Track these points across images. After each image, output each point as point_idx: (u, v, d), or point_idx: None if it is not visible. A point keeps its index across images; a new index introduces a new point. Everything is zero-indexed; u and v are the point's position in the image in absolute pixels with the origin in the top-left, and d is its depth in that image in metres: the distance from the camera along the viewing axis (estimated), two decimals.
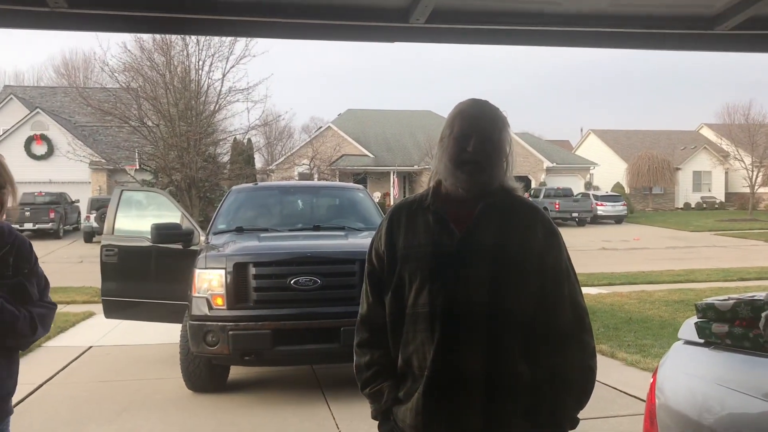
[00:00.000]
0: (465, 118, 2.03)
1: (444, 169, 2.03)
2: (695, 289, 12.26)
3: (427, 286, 1.95)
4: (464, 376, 1.91)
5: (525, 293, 1.96)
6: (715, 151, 47.85)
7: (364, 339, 2.14)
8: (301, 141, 47.58)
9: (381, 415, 2.09)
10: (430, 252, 1.98)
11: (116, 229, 7.49)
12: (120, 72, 22.49)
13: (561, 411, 1.98)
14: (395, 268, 2.03)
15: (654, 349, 7.61)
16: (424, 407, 1.94)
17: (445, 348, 1.92)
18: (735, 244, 24.44)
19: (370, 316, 2.12)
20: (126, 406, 6.00)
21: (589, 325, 2.05)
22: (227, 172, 24.33)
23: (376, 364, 2.10)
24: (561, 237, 2.07)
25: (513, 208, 2.03)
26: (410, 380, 2.00)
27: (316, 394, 6.33)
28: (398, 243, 2.04)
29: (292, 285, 5.91)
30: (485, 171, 1.99)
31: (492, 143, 2.00)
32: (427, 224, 2.02)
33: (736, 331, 2.27)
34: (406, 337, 2.00)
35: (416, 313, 1.97)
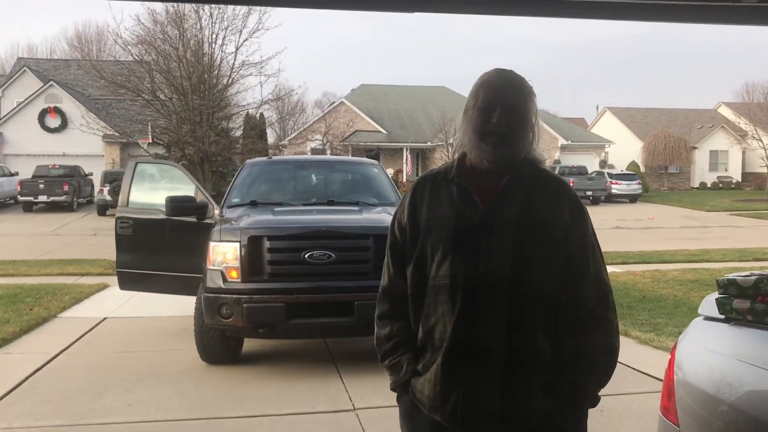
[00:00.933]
0: (489, 88, 1.99)
1: (468, 141, 2.01)
2: (710, 268, 12.19)
3: (449, 258, 1.94)
4: (483, 349, 1.90)
5: (549, 268, 1.93)
6: (732, 130, 47.31)
7: (384, 311, 2.14)
8: (314, 116, 47.52)
9: (400, 387, 2.09)
10: (452, 224, 1.96)
11: (131, 202, 7.51)
12: (133, 45, 22.47)
13: (583, 389, 1.96)
14: (418, 240, 2.01)
15: (668, 327, 7.59)
16: (442, 379, 1.93)
17: (465, 320, 1.91)
18: (751, 225, 24.25)
19: (392, 288, 2.11)
20: (141, 376, 6.06)
21: (613, 303, 2.02)
22: (240, 146, 24.34)
23: (396, 336, 2.09)
24: (587, 212, 2.03)
25: (539, 181, 2.00)
26: (430, 352, 2.00)
27: (330, 367, 6.36)
28: (421, 215, 2.03)
29: (307, 259, 5.92)
30: (510, 143, 1.97)
31: (517, 114, 1.97)
32: (451, 196, 2.00)
33: (758, 307, 2.24)
34: (428, 308, 1.99)
35: (438, 285, 1.96)
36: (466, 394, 1.91)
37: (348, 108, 43.10)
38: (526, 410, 1.92)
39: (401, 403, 2.11)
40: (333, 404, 5.33)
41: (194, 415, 5.11)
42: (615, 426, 4.82)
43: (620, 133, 49.03)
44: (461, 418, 1.92)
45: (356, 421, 4.98)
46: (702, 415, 2.35)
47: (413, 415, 2.06)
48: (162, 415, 5.10)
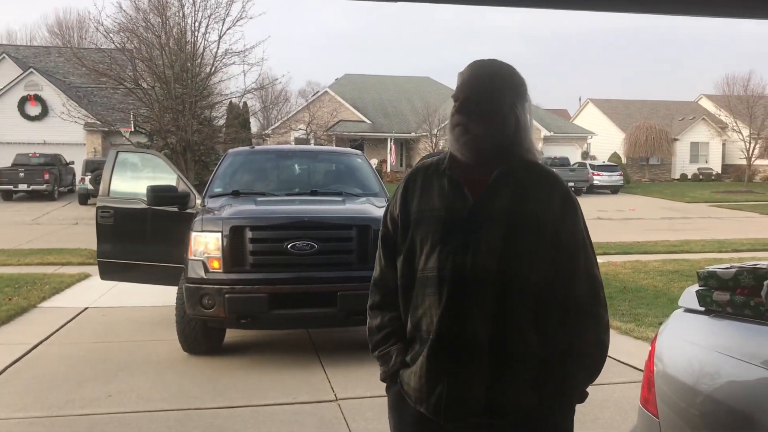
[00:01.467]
0: (460, 80, 2.00)
1: (455, 141, 2.00)
2: (690, 259, 12.31)
3: (437, 251, 1.93)
4: (469, 342, 1.89)
5: (537, 262, 1.91)
6: (713, 123, 47.71)
7: (376, 302, 2.14)
8: (298, 106, 47.32)
9: (389, 378, 2.09)
10: (442, 216, 1.96)
11: (112, 191, 7.44)
12: (115, 32, 22.17)
13: (571, 384, 1.95)
14: (408, 232, 2.01)
15: (648, 318, 7.65)
16: (427, 371, 1.93)
17: (451, 313, 1.90)
18: (730, 216, 24.51)
19: (383, 279, 2.12)
20: (122, 366, 6.02)
21: (604, 299, 2.00)
22: (223, 135, 24.14)
23: (387, 327, 2.10)
24: (578, 206, 2.01)
25: (530, 174, 1.98)
26: (418, 344, 1.99)
27: (312, 357, 6.36)
28: (412, 207, 2.03)
29: (289, 249, 5.90)
30: (469, 131, 1.95)
31: (477, 103, 1.95)
32: (442, 189, 2.00)
33: (738, 299, 2.26)
34: (416, 300, 1.99)
35: (425, 277, 1.96)
36: (451, 386, 1.91)
37: (332, 98, 42.95)
38: (512, 404, 1.91)
39: (389, 393, 2.11)
40: (315, 395, 5.32)
41: (175, 405, 5.09)
42: (595, 415, 4.86)
43: (602, 124, 49.28)
44: (446, 411, 1.92)
45: (338, 411, 4.98)
46: (681, 406, 2.37)
47: (400, 406, 2.05)
48: (143, 406, 5.07)
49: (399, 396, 2.05)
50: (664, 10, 2.86)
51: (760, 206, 27.85)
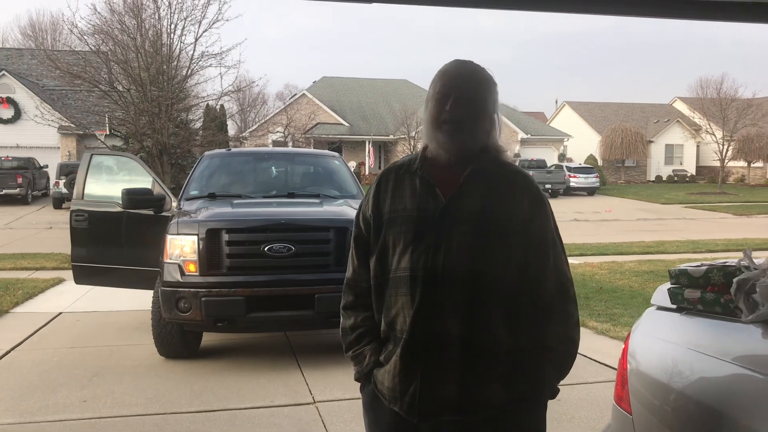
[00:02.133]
0: (445, 78, 2.00)
1: (426, 131, 2.01)
2: (665, 260, 12.45)
3: (409, 251, 1.94)
4: (442, 341, 1.90)
5: (508, 261, 1.93)
6: (687, 125, 48.32)
7: (349, 302, 2.15)
8: (275, 108, 47.09)
9: (363, 377, 2.10)
10: (414, 216, 1.96)
11: (86, 194, 7.37)
12: (89, 35, 21.92)
13: (542, 380, 1.97)
14: (380, 232, 2.02)
15: (624, 318, 7.73)
16: (401, 370, 1.94)
17: (424, 312, 1.91)
18: (704, 217, 24.83)
19: (356, 280, 2.12)
20: (97, 371, 5.95)
21: (574, 296, 2.03)
22: (199, 138, 23.96)
23: (360, 327, 2.10)
24: (548, 205, 2.03)
25: (501, 173, 1.99)
26: (391, 343, 2.00)
27: (290, 360, 6.33)
28: (384, 207, 2.03)
29: (266, 252, 5.87)
30: (463, 131, 1.95)
31: (471, 102, 1.96)
32: (414, 188, 2.00)
33: (708, 296, 2.29)
34: (389, 300, 1.99)
35: (398, 277, 1.96)
36: (425, 385, 1.92)
37: (310, 100, 42.85)
38: (484, 401, 1.92)
39: (364, 393, 2.12)
40: (293, 397, 5.30)
41: (151, 410, 5.04)
42: (571, 415, 4.89)
43: (578, 127, 49.70)
44: (419, 410, 1.93)
45: (316, 414, 4.97)
46: (654, 403, 2.39)
47: (375, 405, 2.06)
48: (118, 411, 5.02)
49: (373, 395, 2.05)
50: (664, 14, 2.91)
51: (733, 207, 28.26)
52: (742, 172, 46.08)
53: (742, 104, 41.36)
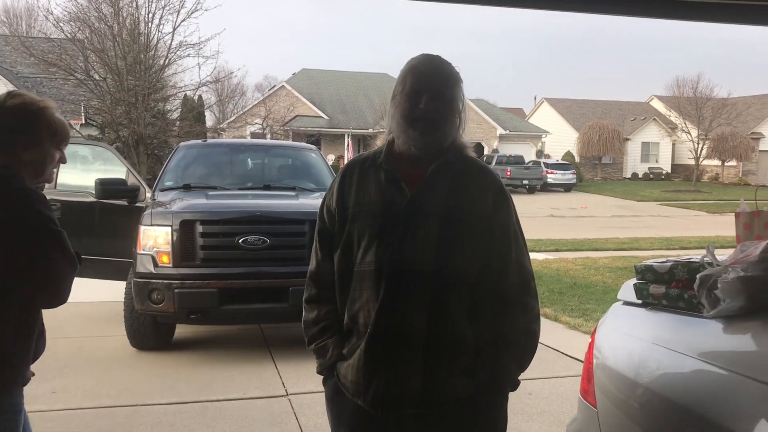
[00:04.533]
0: (417, 74, 1.99)
1: (396, 126, 2.00)
2: (639, 256, 12.59)
3: (374, 245, 1.94)
4: (406, 335, 1.91)
5: (472, 255, 1.95)
6: (663, 123, 48.86)
7: (312, 295, 2.14)
8: (254, 100, 46.81)
9: (326, 370, 2.10)
10: (379, 210, 1.96)
11: (59, 184, 7.27)
12: (65, 22, 21.65)
13: (503, 373, 2.00)
14: (345, 226, 2.01)
15: (596, 313, 7.80)
16: (365, 364, 1.95)
17: (389, 306, 1.91)
18: (679, 214, 25.17)
19: (319, 273, 2.12)
20: (68, 363, 5.89)
21: (535, 289, 2.06)
22: (176, 129, 23.78)
23: (323, 320, 2.10)
24: (511, 200, 2.06)
25: (465, 169, 2.01)
26: (355, 337, 2.01)
27: (263, 353, 6.32)
28: (349, 200, 2.02)
29: (241, 244, 5.85)
30: (437, 129, 1.97)
31: (444, 100, 1.97)
32: (379, 182, 2.00)
33: (672, 292, 2.32)
34: (353, 294, 1.99)
35: (363, 271, 1.96)
36: (388, 379, 1.92)
37: (289, 92, 42.66)
38: (448, 394, 1.94)
39: (327, 386, 2.12)
40: (266, 390, 5.30)
41: (122, 402, 5.01)
42: (542, 408, 4.94)
43: (556, 123, 50.06)
44: (383, 403, 1.94)
45: (289, 406, 4.97)
46: (619, 397, 2.43)
47: (338, 398, 2.07)
48: (88, 403, 4.98)
49: (336, 388, 2.06)
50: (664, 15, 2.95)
51: (707, 205, 28.68)
52: (716, 170, 46.71)
53: (717, 103, 41.94)
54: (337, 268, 2.04)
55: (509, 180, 34.40)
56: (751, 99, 47.24)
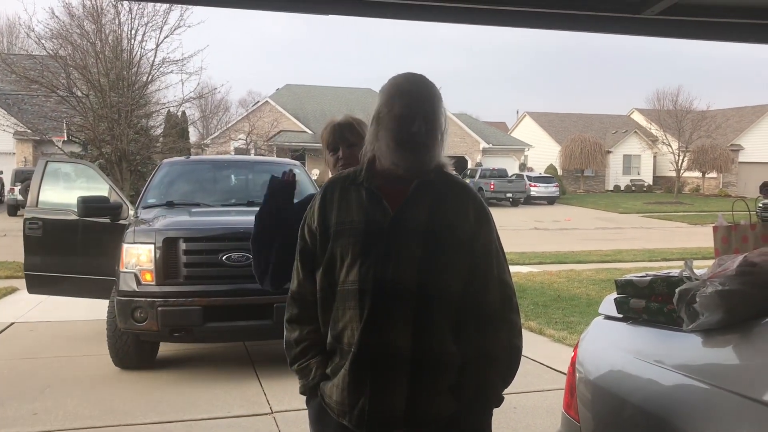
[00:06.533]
0: (407, 97, 1.98)
1: (385, 148, 1.98)
2: (621, 268, 12.67)
3: (357, 263, 1.94)
4: (391, 354, 1.91)
5: (454, 272, 1.96)
6: (644, 136, 49.35)
7: (294, 315, 2.13)
8: (238, 115, 46.80)
9: (309, 390, 2.10)
10: (362, 229, 1.96)
11: (41, 202, 7.23)
12: (47, 38, 21.55)
13: (487, 389, 2.01)
14: (327, 245, 2.01)
15: (580, 326, 7.83)
16: (349, 383, 1.94)
17: (373, 325, 1.91)
18: (660, 226, 25.36)
19: (301, 292, 2.10)
20: (49, 383, 5.83)
21: (516, 305, 2.08)
22: (160, 145, 23.69)
23: (305, 340, 2.09)
24: (491, 217, 2.08)
25: (446, 186, 2.02)
26: (338, 356, 2.00)
27: (248, 370, 6.29)
28: (331, 219, 2.01)
29: (224, 261, 5.83)
30: (428, 150, 1.99)
31: (433, 123, 1.99)
32: (360, 200, 2.00)
33: (653, 306, 2.35)
34: (336, 313, 1.99)
35: (346, 290, 1.96)
36: (374, 398, 1.92)
37: (273, 107, 42.67)
38: (433, 412, 1.94)
39: (310, 406, 2.12)
40: (250, 408, 5.27)
41: (105, 422, 4.95)
42: (527, 423, 4.95)
43: (539, 137, 50.39)
44: (368, 423, 1.93)
45: (273, 424, 4.94)
46: (601, 411, 2.44)
47: (322, 418, 2.06)
48: (70, 424, 4.92)
49: (320, 408, 2.05)
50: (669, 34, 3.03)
51: (688, 216, 28.92)
52: (697, 182, 47.20)
53: (697, 116, 42.43)
54: (320, 287, 2.04)
55: (493, 193, 34.53)
56: (730, 111, 47.85)
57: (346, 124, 2.70)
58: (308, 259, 2.08)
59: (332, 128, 2.70)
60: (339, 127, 2.69)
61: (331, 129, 2.70)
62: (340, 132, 2.67)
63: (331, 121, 2.75)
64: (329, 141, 2.70)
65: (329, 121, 2.77)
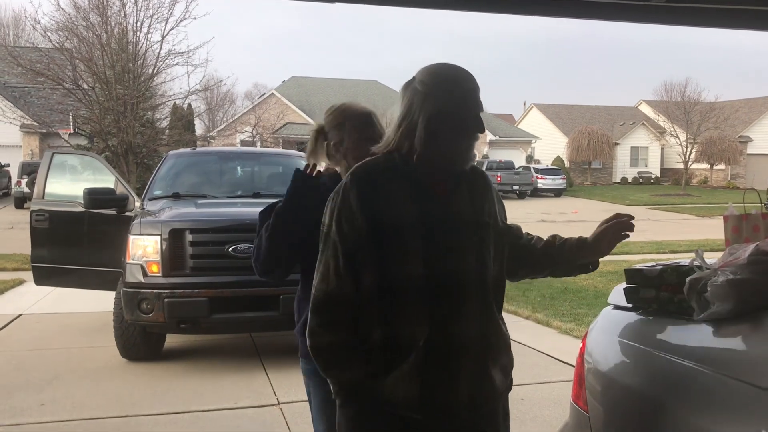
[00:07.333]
0: (465, 88, 1.99)
1: (444, 141, 1.94)
2: (629, 260, 12.61)
3: (418, 257, 1.89)
4: (462, 342, 1.92)
5: (496, 258, 2.05)
6: (652, 128, 49.13)
7: (331, 318, 1.93)
8: (244, 108, 46.81)
9: (351, 391, 1.95)
10: (417, 221, 1.91)
11: (47, 194, 7.24)
12: (53, 31, 21.58)
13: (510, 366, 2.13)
14: (377, 240, 1.90)
15: (588, 318, 7.81)
16: (420, 376, 1.89)
17: (443, 317, 1.90)
18: (668, 218, 25.26)
19: (340, 293, 1.92)
20: (57, 374, 5.85)
21: None
22: (166, 137, 23.73)
23: (346, 341, 1.93)
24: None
25: (474, 175, 2.07)
26: (396, 352, 1.91)
27: (255, 361, 6.29)
28: (378, 212, 1.91)
29: (230, 252, 5.82)
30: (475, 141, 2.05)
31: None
32: (407, 192, 1.94)
33: (662, 296, 2.32)
34: (395, 309, 1.90)
35: (410, 285, 1.89)
36: (447, 387, 1.91)
37: (278, 100, 42.66)
38: (495, 394, 2.01)
39: (358, 408, 1.97)
40: (257, 399, 5.27)
41: (111, 413, 4.96)
42: (535, 414, 4.93)
43: (546, 128, 50.25)
44: (441, 412, 1.91)
45: (280, 415, 4.94)
46: (609, 401, 2.42)
47: (372, 417, 1.95)
48: (77, 414, 4.93)
49: (370, 407, 1.95)
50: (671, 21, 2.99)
51: (696, 209, 28.80)
52: (705, 174, 47.00)
53: (705, 107, 42.23)
54: (369, 284, 1.92)
55: (500, 185, 34.48)
56: (738, 103, 47.59)
57: (375, 116, 2.55)
58: (349, 257, 1.92)
59: (368, 114, 2.55)
60: (374, 117, 2.55)
61: (366, 114, 2.54)
62: (372, 123, 2.53)
63: (361, 105, 2.58)
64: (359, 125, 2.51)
65: (357, 105, 2.58)
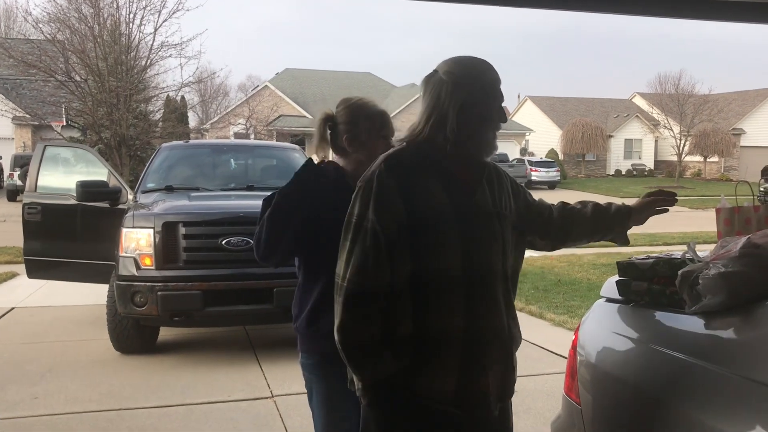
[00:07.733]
0: (491, 80, 2.04)
1: (474, 131, 1.97)
2: (622, 253, 12.62)
3: (453, 249, 1.91)
4: (495, 334, 1.98)
5: (515, 250, 2.13)
6: (646, 120, 49.18)
7: (367, 312, 1.89)
8: (237, 100, 46.66)
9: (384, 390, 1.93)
10: (451, 212, 1.92)
11: (39, 187, 7.21)
12: (45, 23, 21.47)
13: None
14: (413, 232, 1.89)
15: (581, 310, 7.83)
16: (459, 368, 1.91)
17: (476, 309, 1.93)
18: None
19: (381, 284, 1.88)
20: (50, 367, 5.83)
21: None
22: (159, 130, 23.63)
23: (377, 336, 1.90)
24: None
25: (494, 168, 2.13)
26: (430, 345, 1.90)
27: (248, 354, 6.29)
28: (413, 204, 1.90)
29: (224, 245, 5.81)
30: None
31: None
32: (437, 184, 1.94)
33: (655, 288, 2.33)
34: (430, 301, 1.90)
35: (441, 277, 1.90)
36: (481, 380, 1.95)
37: (272, 92, 42.53)
38: (513, 386, 2.10)
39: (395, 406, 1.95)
40: (251, 392, 5.27)
41: (105, 406, 4.96)
42: (527, 406, 4.95)
43: (540, 121, 50.24)
44: (476, 405, 1.96)
45: (274, 408, 4.95)
46: (601, 393, 2.43)
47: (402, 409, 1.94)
48: (71, 407, 4.92)
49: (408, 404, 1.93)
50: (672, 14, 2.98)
51: (690, 201, 28.88)
52: (698, 166, 47.12)
53: (699, 100, 42.31)
54: (406, 276, 1.90)
55: None
56: (732, 95, 47.71)
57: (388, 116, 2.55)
58: (390, 246, 1.88)
59: (384, 114, 2.52)
60: (388, 117, 2.53)
61: (382, 114, 2.51)
62: (388, 122, 2.52)
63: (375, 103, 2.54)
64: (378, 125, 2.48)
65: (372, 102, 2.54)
